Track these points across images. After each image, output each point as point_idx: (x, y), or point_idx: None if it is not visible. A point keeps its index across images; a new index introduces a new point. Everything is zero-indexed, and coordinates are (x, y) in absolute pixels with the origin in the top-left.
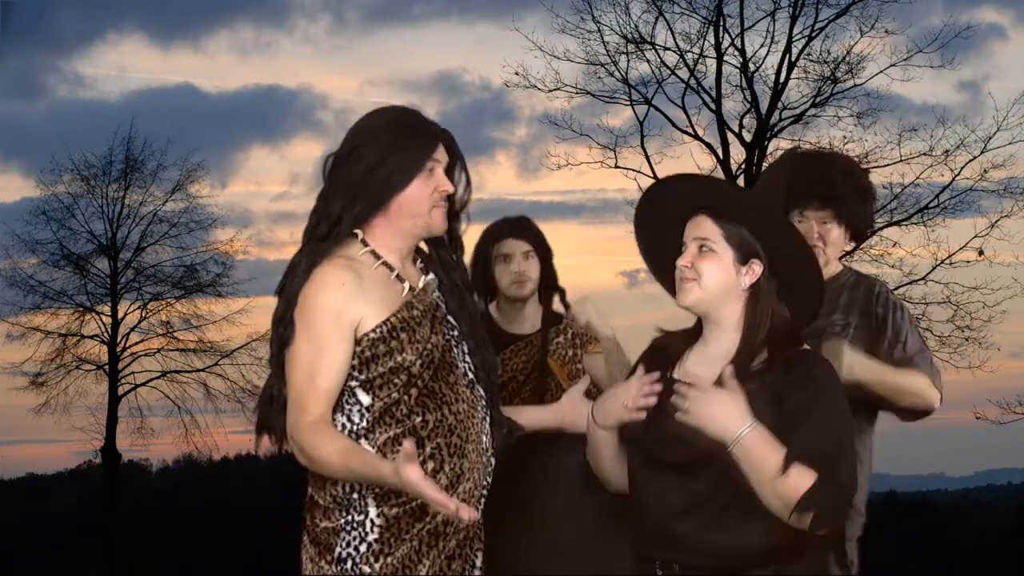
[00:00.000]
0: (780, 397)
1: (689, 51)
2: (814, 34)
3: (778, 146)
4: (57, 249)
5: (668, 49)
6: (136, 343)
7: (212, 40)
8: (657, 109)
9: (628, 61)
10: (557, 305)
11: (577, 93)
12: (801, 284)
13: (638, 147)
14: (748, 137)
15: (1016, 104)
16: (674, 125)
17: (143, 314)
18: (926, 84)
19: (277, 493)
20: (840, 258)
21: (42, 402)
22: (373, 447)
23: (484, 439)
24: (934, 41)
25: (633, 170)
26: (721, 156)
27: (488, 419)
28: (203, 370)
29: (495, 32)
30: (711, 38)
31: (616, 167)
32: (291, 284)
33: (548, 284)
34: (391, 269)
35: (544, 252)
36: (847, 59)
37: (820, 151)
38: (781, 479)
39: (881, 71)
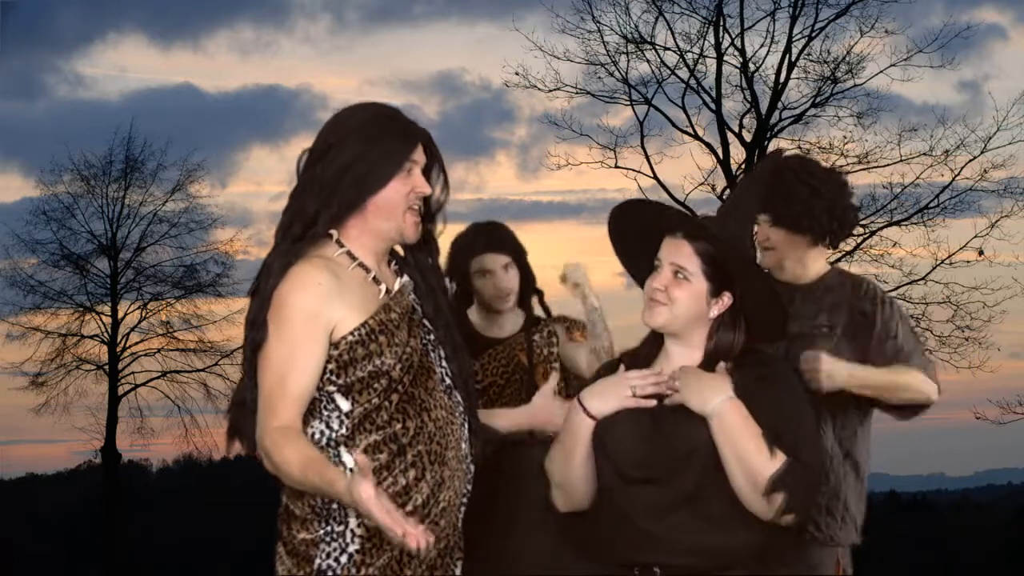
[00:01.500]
0: (746, 396)
1: (689, 51)
2: (814, 34)
3: (778, 146)
4: (57, 249)
5: (668, 49)
6: (136, 343)
7: (212, 40)
8: (657, 109)
9: (628, 61)
10: (536, 307)
11: (577, 93)
12: (766, 318)
13: (638, 147)
14: (748, 137)
15: (1016, 104)
16: (674, 125)
17: (143, 314)
18: (926, 84)
19: (277, 493)
20: (834, 262)
21: (42, 402)
22: (351, 454)
23: (463, 446)
24: (934, 41)
25: (633, 170)
26: (721, 156)
27: (467, 426)
28: (203, 370)
29: (495, 32)
30: (711, 38)
31: (616, 167)
32: (264, 285)
33: (527, 288)
34: (367, 271)
35: (521, 259)
36: (847, 59)
37: (777, 155)
38: (753, 460)
39: (881, 71)
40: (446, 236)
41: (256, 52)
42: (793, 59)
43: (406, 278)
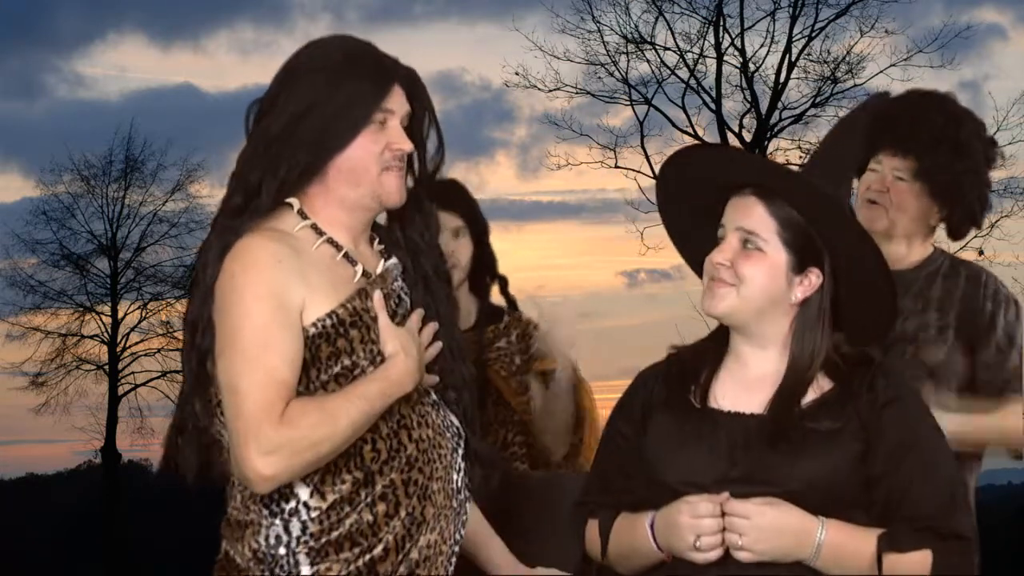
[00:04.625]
0: (867, 429)
1: (689, 51)
2: (814, 34)
3: (778, 146)
4: (57, 249)
5: (668, 49)
6: (136, 343)
7: (212, 40)
8: (657, 109)
9: (628, 61)
10: (496, 296)
11: (577, 93)
12: (869, 298)
13: (638, 147)
14: (748, 137)
15: (1016, 104)
16: (674, 125)
17: (143, 314)
18: (926, 84)
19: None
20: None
21: (42, 402)
22: (309, 484)
23: (455, 477)
24: (934, 41)
25: (633, 170)
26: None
27: (461, 451)
28: None
29: (495, 32)
30: (711, 38)
31: (616, 167)
32: (204, 275)
33: (484, 269)
34: (338, 248)
35: (479, 229)
36: (847, 59)
37: (950, 99)
38: (892, 565)
39: (881, 71)
40: None
41: (256, 52)
42: (793, 59)
43: (393, 260)
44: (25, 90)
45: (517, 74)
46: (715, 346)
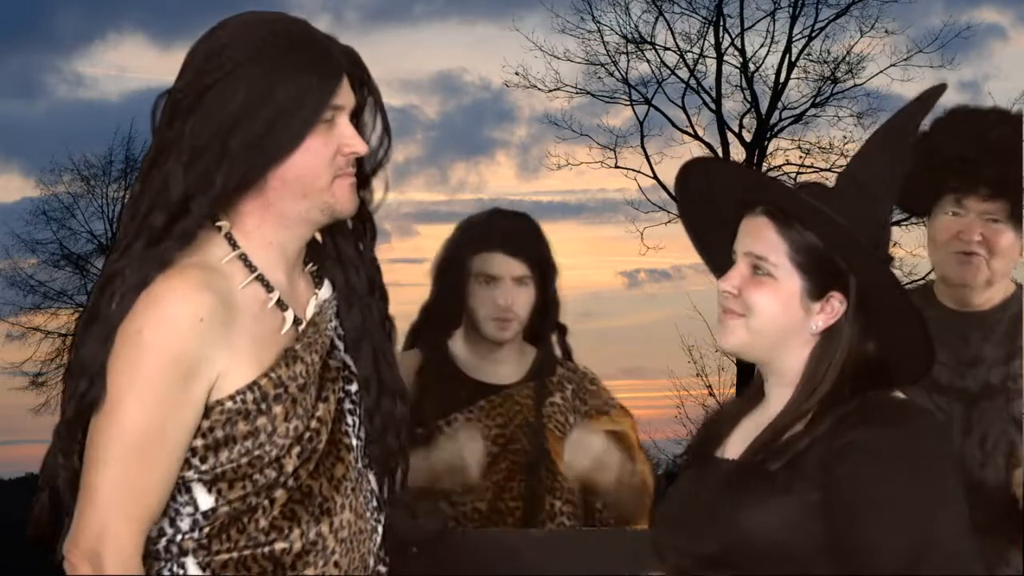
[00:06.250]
0: (828, 473)
1: (689, 51)
2: (814, 34)
3: (778, 146)
4: (57, 249)
5: (668, 49)
6: None
7: None
8: (657, 109)
9: (628, 61)
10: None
11: (577, 93)
12: (900, 331)
13: (638, 147)
14: (748, 137)
15: (1016, 104)
16: (674, 125)
17: None
18: (926, 84)
19: None
20: None
21: (42, 402)
22: (204, 567)
23: (370, 561)
24: (934, 41)
25: (633, 170)
26: (721, 156)
27: (381, 528)
28: None
29: (495, 32)
30: (711, 38)
31: (616, 167)
32: (107, 311)
33: (546, 318)
34: (268, 289)
35: (545, 275)
36: (847, 59)
37: (1001, 110)
38: None
39: (881, 71)
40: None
41: None
42: (793, 59)
43: (325, 291)
44: (25, 90)
45: (517, 74)
46: (754, 392)
